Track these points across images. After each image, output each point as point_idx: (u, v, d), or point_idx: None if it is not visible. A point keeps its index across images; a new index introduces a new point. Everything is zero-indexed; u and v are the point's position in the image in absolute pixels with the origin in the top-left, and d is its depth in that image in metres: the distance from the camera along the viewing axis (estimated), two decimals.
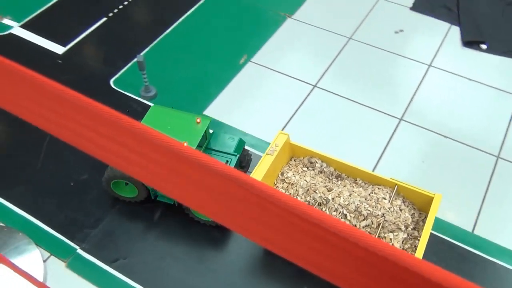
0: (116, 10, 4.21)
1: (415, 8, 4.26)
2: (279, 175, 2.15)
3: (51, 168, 2.85)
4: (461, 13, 4.07)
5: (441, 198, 2.04)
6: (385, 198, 1.92)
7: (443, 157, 2.93)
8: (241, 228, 0.47)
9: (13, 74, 0.54)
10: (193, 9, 4.29)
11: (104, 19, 4.11)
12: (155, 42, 3.95)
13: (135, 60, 3.47)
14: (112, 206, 2.63)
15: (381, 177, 2.04)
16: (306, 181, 2.01)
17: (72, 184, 2.77)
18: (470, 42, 3.75)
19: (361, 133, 3.10)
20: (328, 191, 1.98)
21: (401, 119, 3.18)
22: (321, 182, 2.06)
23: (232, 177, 0.41)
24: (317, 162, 2.14)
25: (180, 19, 4.18)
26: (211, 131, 2.33)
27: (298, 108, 3.35)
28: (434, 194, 1.98)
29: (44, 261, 2.44)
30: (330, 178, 2.06)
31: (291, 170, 2.12)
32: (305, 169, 2.11)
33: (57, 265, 2.43)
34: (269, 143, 3.05)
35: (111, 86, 3.55)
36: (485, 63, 3.58)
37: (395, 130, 3.11)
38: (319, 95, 3.47)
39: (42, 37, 3.93)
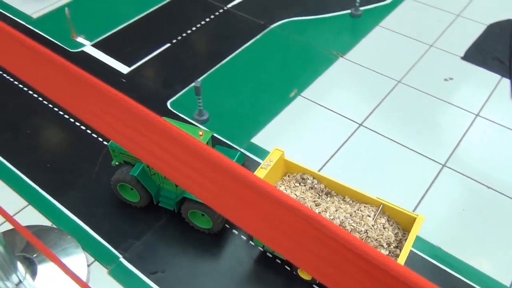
0: (179, 38, 4.36)
1: (466, 58, 4.19)
2: None
3: (104, 179, 2.93)
4: None
5: (424, 219, 2.06)
6: (369, 216, 1.92)
7: (484, 207, 2.82)
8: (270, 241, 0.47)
9: (83, 83, 0.57)
10: (250, 42, 4.38)
11: (168, 45, 4.26)
12: (212, 70, 4.05)
13: (192, 85, 3.56)
14: (156, 220, 2.66)
15: (368, 196, 2.06)
16: (296, 195, 2.04)
17: None
18: None
19: (404, 175, 3.04)
20: (316, 205, 1.99)
21: (444, 165, 3.10)
22: (310, 197, 2.10)
23: (293, 208, 0.41)
24: (308, 179, 2.19)
25: (237, 51, 4.28)
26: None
27: (342, 144, 3.33)
28: (417, 215, 1.99)
29: (89, 265, 2.49)
30: (320, 194, 2.09)
31: (283, 184, 2.17)
32: (297, 184, 2.16)
33: (100, 271, 2.48)
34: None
35: (168, 107, 3.65)
36: None
37: (437, 175, 3.03)
38: (364, 134, 3.43)
39: (110, 56, 4.09)
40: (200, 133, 2.23)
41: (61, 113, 3.59)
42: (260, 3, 4.90)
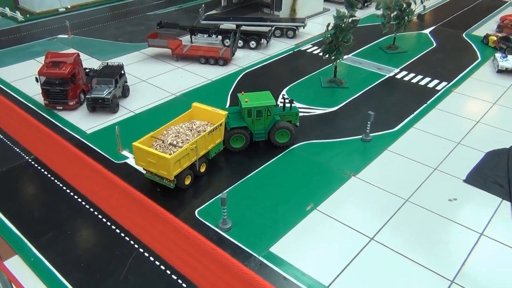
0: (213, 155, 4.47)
1: (468, 181, 4.18)
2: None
3: (131, 280, 2.85)
4: None
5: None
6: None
7: None
8: None
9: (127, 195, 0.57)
10: (271, 160, 4.50)
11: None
12: (237, 183, 4.12)
13: (219, 196, 3.59)
14: None
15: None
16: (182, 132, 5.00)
17: None
18: None
19: None
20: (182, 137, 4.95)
21: (452, 281, 2.94)
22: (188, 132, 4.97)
23: None
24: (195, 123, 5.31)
25: (260, 168, 4.40)
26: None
27: (354, 258, 3.22)
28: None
29: None
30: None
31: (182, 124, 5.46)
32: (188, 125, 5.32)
33: None
34: (324, 286, 2.91)
35: (195, 216, 3.65)
36: None
37: None
38: (375, 248, 3.34)
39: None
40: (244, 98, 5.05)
41: (100, 216, 3.62)
42: None
